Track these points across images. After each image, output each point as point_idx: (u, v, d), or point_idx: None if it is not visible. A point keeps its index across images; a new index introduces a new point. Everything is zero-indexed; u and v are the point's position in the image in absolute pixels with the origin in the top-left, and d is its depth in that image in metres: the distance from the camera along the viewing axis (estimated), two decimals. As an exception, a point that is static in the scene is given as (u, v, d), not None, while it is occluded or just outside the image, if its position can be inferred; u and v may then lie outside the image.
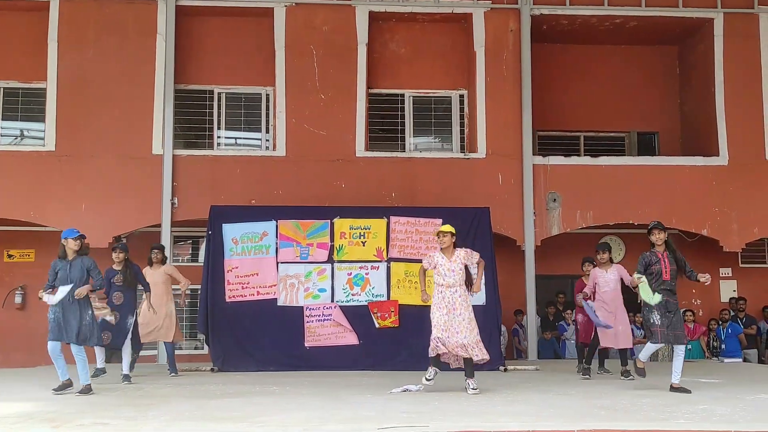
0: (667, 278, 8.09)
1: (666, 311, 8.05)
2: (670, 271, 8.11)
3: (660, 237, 8.23)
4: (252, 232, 11.50)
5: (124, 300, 9.60)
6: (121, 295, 9.58)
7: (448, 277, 8.11)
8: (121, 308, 9.53)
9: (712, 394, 7.82)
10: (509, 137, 13.71)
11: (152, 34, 13.45)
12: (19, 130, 14.08)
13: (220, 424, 5.66)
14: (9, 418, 6.12)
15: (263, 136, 14.28)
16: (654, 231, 8.25)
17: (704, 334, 13.81)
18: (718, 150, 14.04)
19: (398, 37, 14.45)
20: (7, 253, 13.99)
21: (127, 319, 9.55)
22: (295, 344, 11.19)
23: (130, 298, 9.68)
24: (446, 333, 7.97)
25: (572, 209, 13.68)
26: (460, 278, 8.12)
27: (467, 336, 7.97)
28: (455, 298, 8.05)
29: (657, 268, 8.13)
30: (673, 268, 8.13)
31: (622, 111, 15.36)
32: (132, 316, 9.64)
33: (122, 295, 9.59)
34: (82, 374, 7.97)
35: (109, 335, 9.39)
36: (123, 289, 9.63)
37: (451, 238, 8.21)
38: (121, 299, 9.56)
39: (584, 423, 5.65)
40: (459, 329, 7.98)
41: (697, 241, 14.28)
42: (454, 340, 7.96)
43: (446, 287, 8.09)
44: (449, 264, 8.15)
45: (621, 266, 9.94)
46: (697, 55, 14.86)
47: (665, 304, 8.06)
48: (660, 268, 8.12)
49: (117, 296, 9.56)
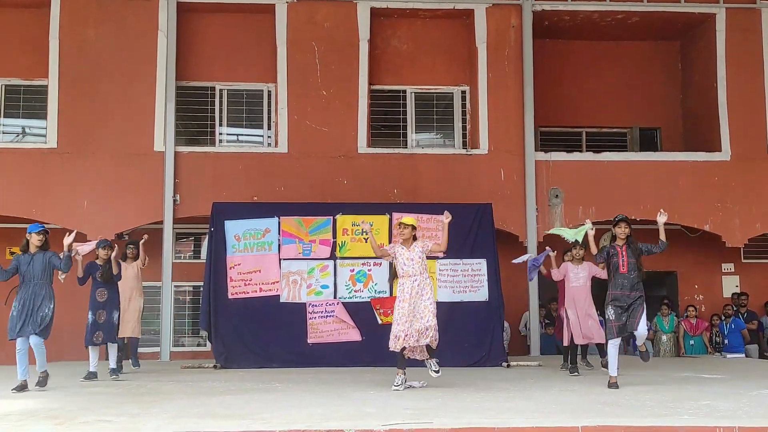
0: (624, 271, 8.13)
1: (620, 306, 8.05)
2: (628, 264, 8.12)
3: (624, 231, 8.24)
4: (254, 229, 11.51)
5: (108, 296, 9.48)
6: (104, 292, 9.48)
7: (407, 266, 8.24)
8: (106, 305, 9.45)
9: (715, 389, 7.81)
10: (511, 133, 13.70)
11: (153, 31, 13.45)
12: (21, 127, 14.09)
13: (223, 421, 5.66)
14: (12, 415, 6.13)
15: (265, 133, 14.28)
16: (621, 224, 8.28)
17: (707, 329, 13.81)
18: (720, 145, 14.03)
19: (400, 33, 14.43)
20: (9, 251, 13.96)
21: (113, 315, 9.48)
22: (298, 341, 11.20)
23: (113, 294, 9.57)
24: (408, 324, 8.05)
25: (574, 205, 13.67)
26: (420, 267, 8.23)
27: (430, 320, 8.08)
28: (414, 287, 8.16)
29: (614, 261, 8.19)
30: (631, 261, 8.13)
31: (624, 107, 15.35)
32: (117, 311, 9.55)
33: (105, 291, 9.49)
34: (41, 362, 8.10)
35: (101, 334, 9.32)
36: (106, 286, 9.51)
37: (411, 231, 8.35)
38: (104, 295, 9.46)
39: (587, 419, 5.64)
40: (423, 314, 8.09)
41: (699, 236, 14.27)
42: (417, 326, 8.05)
43: (407, 277, 8.22)
44: (408, 253, 8.28)
45: (592, 263, 9.93)
46: (699, 50, 14.83)
47: (619, 298, 8.06)
48: (617, 261, 8.17)
49: (100, 293, 9.45)
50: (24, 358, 8.11)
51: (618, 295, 8.10)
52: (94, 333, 9.35)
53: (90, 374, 9.36)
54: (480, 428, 5.37)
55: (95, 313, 9.39)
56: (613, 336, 8.10)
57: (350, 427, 5.29)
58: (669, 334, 13.61)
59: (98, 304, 9.44)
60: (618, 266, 8.15)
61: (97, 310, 9.40)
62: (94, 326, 9.36)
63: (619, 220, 8.33)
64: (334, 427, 5.31)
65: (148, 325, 14.09)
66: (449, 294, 11.32)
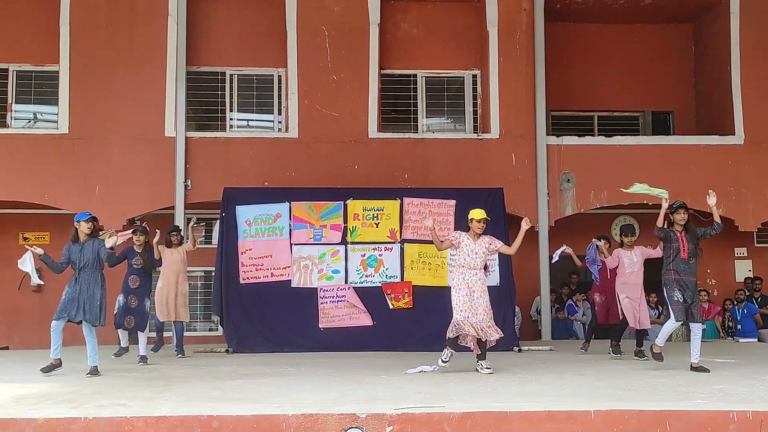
0: (684, 257, 8.17)
1: (686, 289, 8.08)
2: (688, 250, 8.18)
3: (683, 217, 8.28)
4: (265, 214, 11.53)
5: (140, 283, 9.69)
6: (137, 279, 9.67)
7: (470, 258, 8.12)
8: (137, 292, 9.62)
9: (728, 373, 7.79)
10: (522, 117, 13.63)
11: (163, 16, 13.43)
12: (33, 113, 14.12)
13: (236, 405, 5.69)
14: (28, 398, 6.18)
15: (275, 118, 14.27)
16: (679, 210, 8.30)
17: (719, 314, 13.76)
18: (733, 129, 13.93)
19: (410, 17, 14.36)
20: (23, 236, 14.07)
21: (144, 302, 9.65)
22: (310, 325, 11.24)
23: (146, 281, 9.78)
24: (467, 313, 7.98)
25: (586, 189, 13.61)
26: (481, 262, 8.14)
27: (484, 319, 8.00)
28: (475, 281, 8.06)
29: (675, 246, 8.22)
30: (690, 247, 8.20)
31: (636, 90, 15.24)
32: (148, 299, 9.74)
33: (138, 278, 9.68)
34: (92, 356, 8.03)
35: (132, 319, 9.49)
36: (140, 273, 9.71)
37: (484, 225, 8.23)
38: (137, 282, 9.66)
39: (600, 403, 5.64)
40: (478, 311, 8.01)
41: (711, 220, 14.15)
42: (473, 320, 7.97)
43: (467, 269, 8.09)
44: (474, 246, 8.15)
45: (642, 247, 9.86)
46: (712, 32, 14.69)
47: (681, 282, 8.06)
48: (678, 246, 8.20)
49: (133, 279, 9.64)
50: (58, 337, 8.04)
51: (680, 279, 8.12)
52: (125, 316, 9.51)
53: (122, 350, 9.59)
54: (492, 412, 5.37)
55: (126, 297, 9.55)
56: (677, 319, 8.07)
57: (362, 412, 5.30)
58: (680, 319, 13.55)
59: (130, 289, 9.58)
60: (679, 251, 8.17)
61: (128, 295, 9.55)
62: (126, 310, 9.50)
63: (678, 206, 8.32)
64: (347, 411, 5.32)
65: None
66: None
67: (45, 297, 13.62)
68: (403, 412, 5.32)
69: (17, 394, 6.46)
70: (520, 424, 5.29)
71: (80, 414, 5.31)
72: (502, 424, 5.29)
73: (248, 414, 5.31)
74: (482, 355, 8.11)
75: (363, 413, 5.28)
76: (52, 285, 11.18)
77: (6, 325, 14.02)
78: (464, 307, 8.00)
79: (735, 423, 5.33)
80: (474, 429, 5.24)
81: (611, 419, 5.33)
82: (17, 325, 13.92)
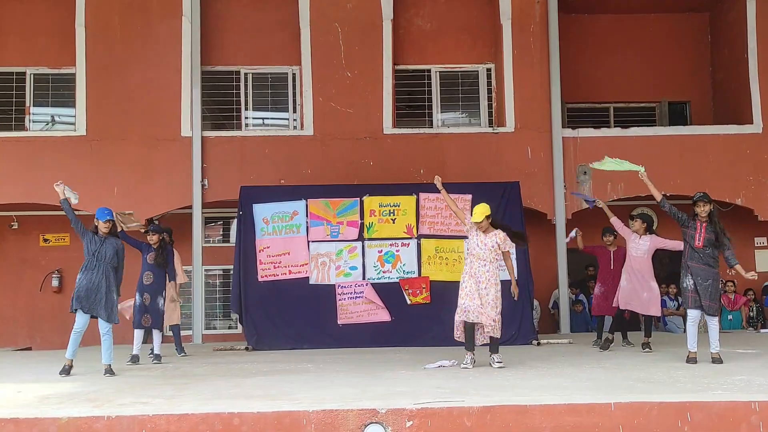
0: (699, 246, 8.02)
1: (698, 279, 8.00)
2: (704, 240, 8.01)
3: (704, 209, 8.09)
4: (282, 212, 11.57)
5: (154, 280, 9.59)
6: (151, 275, 9.58)
7: (478, 249, 8.08)
8: (150, 288, 9.54)
9: (750, 364, 7.74)
10: (538, 110, 13.58)
11: (177, 16, 13.50)
12: (50, 115, 14.25)
13: (257, 402, 5.73)
14: (51, 398, 6.25)
15: (290, 116, 14.31)
16: (699, 203, 8.12)
17: (745, 304, 13.65)
18: (751, 118, 13.80)
19: (423, 11, 14.33)
20: (43, 238, 14.22)
21: (158, 300, 9.59)
22: (328, 322, 11.28)
23: (160, 278, 9.67)
24: (477, 299, 7.92)
25: (603, 181, 13.53)
26: (491, 255, 8.06)
27: (489, 314, 7.96)
28: (483, 272, 8.00)
29: (690, 233, 8.10)
30: (708, 237, 8.02)
31: (652, 81, 15.12)
32: (162, 297, 9.67)
33: (152, 275, 9.59)
34: (107, 354, 8.11)
35: (149, 318, 9.48)
36: (154, 269, 9.60)
37: (487, 222, 8.11)
38: (150, 279, 9.57)
39: (620, 396, 5.62)
40: (483, 302, 7.96)
41: (731, 210, 14.07)
42: (480, 310, 7.94)
43: (476, 258, 8.06)
44: (483, 237, 8.10)
45: (657, 236, 9.81)
46: (729, 21, 14.55)
47: (694, 270, 7.98)
48: (693, 233, 8.07)
49: (147, 276, 9.57)
50: (78, 339, 8.12)
51: (692, 266, 8.04)
52: (142, 315, 9.47)
53: (134, 357, 9.45)
54: (512, 406, 5.37)
55: (141, 295, 9.51)
56: (689, 305, 8.04)
57: (382, 407, 5.32)
58: (704, 310, 13.48)
59: (144, 287, 9.53)
60: (693, 239, 8.06)
61: (143, 293, 9.50)
62: (142, 308, 9.47)
63: (697, 199, 8.15)
64: (366, 407, 5.34)
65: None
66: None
67: (66, 298, 13.70)
68: (422, 406, 5.33)
69: (41, 394, 6.54)
70: (540, 417, 5.28)
71: (103, 413, 5.37)
72: (522, 417, 5.28)
73: (269, 411, 5.34)
74: (494, 348, 8.09)
75: (383, 408, 5.30)
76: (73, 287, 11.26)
77: (28, 326, 14.18)
78: (474, 294, 7.93)
79: (757, 414, 5.29)
80: (494, 423, 5.25)
81: (631, 411, 5.31)
82: (39, 326, 14.07)
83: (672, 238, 9.58)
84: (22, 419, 5.29)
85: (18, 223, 14.22)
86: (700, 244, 8.03)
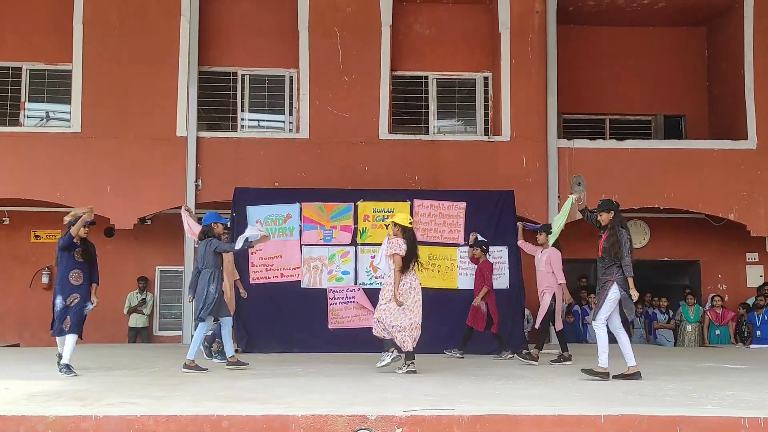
0: (599, 254, 8.00)
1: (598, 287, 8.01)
2: (602, 249, 7.93)
3: (603, 218, 8.04)
4: (276, 215, 11.56)
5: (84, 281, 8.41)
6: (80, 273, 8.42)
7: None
8: (80, 289, 8.41)
9: (740, 379, 7.75)
10: (534, 120, 13.60)
11: (176, 16, 13.46)
12: (45, 111, 14.19)
13: (246, 405, 5.70)
14: (38, 396, 6.21)
15: (287, 119, 14.29)
16: (601, 212, 8.08)
17: (733, 319, 13.68)
18: (746, 133, 13.85)
19: (422, 18, 14.35)
20: (34, 234, 14.15)
21: (85, 303, 8.46)
22: (319, 326, 11.26)
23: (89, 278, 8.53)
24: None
25: (597, 193, 13.42)
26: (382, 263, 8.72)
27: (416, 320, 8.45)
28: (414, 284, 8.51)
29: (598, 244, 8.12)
30: (605, 246, 7.91)
31: (648, 93, 15.18)
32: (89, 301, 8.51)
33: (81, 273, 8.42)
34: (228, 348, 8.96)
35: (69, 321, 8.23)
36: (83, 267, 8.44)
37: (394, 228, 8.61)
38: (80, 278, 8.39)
39: (610, 408, 5.62)
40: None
41: (723, 225, 14.13)
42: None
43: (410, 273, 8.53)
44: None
45: (556, 251, 9.86)
46: (726, 36, 14.62)
47: (599, 279, 8.02)
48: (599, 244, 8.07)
49: (76, 275, 8.43)
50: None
51: (599, 276, 8.05)
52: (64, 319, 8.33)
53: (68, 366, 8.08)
54: (501, 415, 5.37)
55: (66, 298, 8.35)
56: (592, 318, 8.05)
57: (372, 413, 5.30)
58: (694, 324, 13.52)
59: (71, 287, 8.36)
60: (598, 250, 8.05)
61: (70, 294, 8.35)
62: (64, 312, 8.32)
63: (599, 208, 8.13)
64: (356, 412, 5.32)
65: (169, 309, 14.27)
66: (470, 282, 11.26)
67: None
68: (412, 414, 5.32)
69: (29, 392, 6.50)
70: (530, 428, 5.28)
71: (91, 412, 5.34)
72: (512, 427, 5.28)
73: (258, 414, 5.33)
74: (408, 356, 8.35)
75: (372, 414, 5.28)
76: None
77: (17, 322, 14.09)
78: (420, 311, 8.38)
79: (746, 429, 5.30)
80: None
81: (621, 424, 5.32)
82: (28, 322, 13.99)
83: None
84: (8, 416, 5.26)
85: (9, 218, 14.14)
86: (599, 253, 8.01)
